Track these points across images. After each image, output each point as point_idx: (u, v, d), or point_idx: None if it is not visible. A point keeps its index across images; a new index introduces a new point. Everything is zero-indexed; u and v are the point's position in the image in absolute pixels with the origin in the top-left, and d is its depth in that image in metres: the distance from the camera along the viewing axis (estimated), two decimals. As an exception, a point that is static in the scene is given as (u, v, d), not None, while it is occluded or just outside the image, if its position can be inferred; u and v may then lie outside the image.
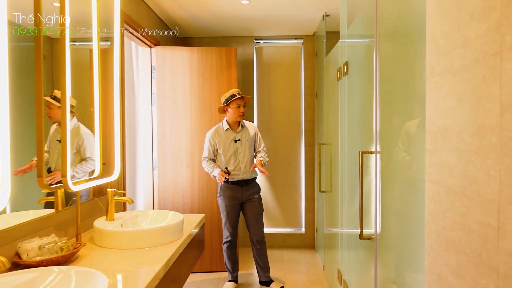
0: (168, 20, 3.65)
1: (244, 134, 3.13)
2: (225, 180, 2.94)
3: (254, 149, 3.21)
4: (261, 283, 3.22)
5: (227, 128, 3.09)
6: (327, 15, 3.48)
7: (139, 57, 3.44)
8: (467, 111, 0.83)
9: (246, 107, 3.15)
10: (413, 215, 1.32)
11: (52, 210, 1.73)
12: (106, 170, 2.08)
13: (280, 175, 4.35)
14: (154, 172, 3.47)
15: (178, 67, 3.45)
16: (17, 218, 1.50)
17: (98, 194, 2.17)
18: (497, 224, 0.71)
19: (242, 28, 3.98)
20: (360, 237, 1.87)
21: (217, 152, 3.12)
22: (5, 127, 1.26)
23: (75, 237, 1.77)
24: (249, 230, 3.16)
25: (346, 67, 2.45)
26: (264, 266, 3.19)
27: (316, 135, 4.16)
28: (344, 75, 2.51)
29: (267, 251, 3.24)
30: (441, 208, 0.94)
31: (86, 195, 2.05)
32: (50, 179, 1.68)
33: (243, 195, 3.10)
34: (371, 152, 1.86)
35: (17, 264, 1.42)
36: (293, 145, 4.37)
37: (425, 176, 1.05)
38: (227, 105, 3.05)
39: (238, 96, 3.02)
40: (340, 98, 2.64)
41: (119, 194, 2.14)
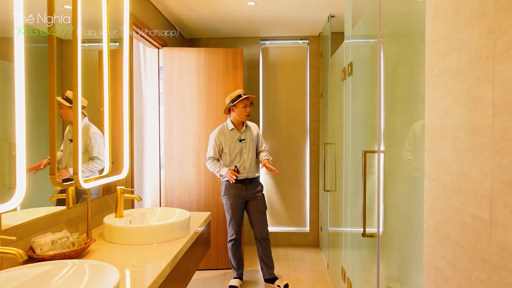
0: (176, 22, 3.70)
1: (248, 134, 3.18)
2: (235, 178, 3.00)
3: (257, 148, 3.27)
4: (266, 280, 3.27)
5: (232, 128, 3.14)
6: (332, 16, 3.51)
7: (146, 58, 3.50)
8: (463, 111, 0.87)
9: (251, 106, 3.21)
10: (415, 213, 1.35)
11: (63, 207, 1.79)
12: (114, 168, 2.13)
13: (285, 174, 4.39)
14: (161, 170, 3.53)
15: (185, 68, 3.51)
16: (29, 215, 1.56)
17: (106, 192, 2.22)
18: (489, 218, 0.75)
19: (248, 29, 4.03)
20: (363, 235, 1.91)
21: (222, 151, 3.17)
22: (22, 129, 1.32)
23: (85, 233, 1.82)
24: (254, 228, 3.21)
25: (351, 68, 2.49)
26: (268, 263, 3.23)
27: (321, 135, 4.20)
28: (348, 75, 2.54)
29: (271, 249, 3.29)
30: (439, 204, 0.98)
31: (95, 193, 2.11)
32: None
33: (248, 194, 3.15)
34: (374, 152, 1.89)
35: (31, 258, 1.48)
36: (298, 144, 4.41)
37: (424, 174, 1.09)
38: (234, 105, 3.10)
39: (244, 96, 3.07)
40: (345, 98, 2.67)
41: (127, 192, 2.20)
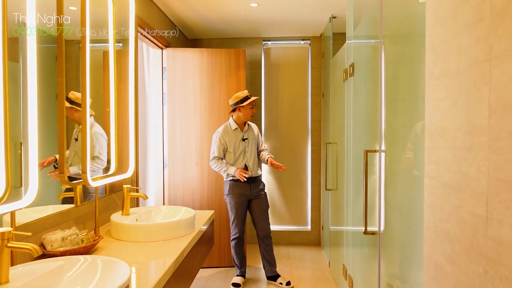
0: (179, 23, 3.74)
1: (250, 133, 3.24)
2: (246, 177, 3.06)
3: (257, 148, 3.32)
4: (268, 277, 3.31)
5: (236, 128, 3.19)
6: (334, 17, 3.54)
7: (150, 58, 3.54)
8: (461, 113, 0.91)
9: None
10: (416, 212, 1.39)
11: (70, 205, 1.83)
12: (119, 167, 2.17)
13: (287, 174, 4.43)
14: (164, 170, 3.58)
15: (189, 68, 3.55)
16: (37, 212, 1.59)
17: (111, 191, 2.26)
18: (486, 214, 0.79)
19: (250, 30, 4.07)
20: (365, 232, 1.95)
21: (226, 151, 3.22)
22: (34, 128, 1.36)
23: (93, 230, 1.87)
24: (256, 226, 3.25)
25: (352, 69, 2.52)
26: (271, 261, 3.27)
27: (322, 135, 4.23)
28: (350, 76, 2.58)
29: (273, 247, 3.33)
30: (438, 202, 1.02)
31: (100, 192, 2.14)
32: (54, 175, 1.71)
33: (252, 192, 3.19)
34: (376, 151, 1.93)
35: (43, 254, 1.52)
36: (300, 144, 4.45)
37: (424, 173, 1.13)
38: (242, 106, 3.15)
39: (253, 98, 3.14)
40: (346, 99, 2.71)
41: (133, 190, 2.24)
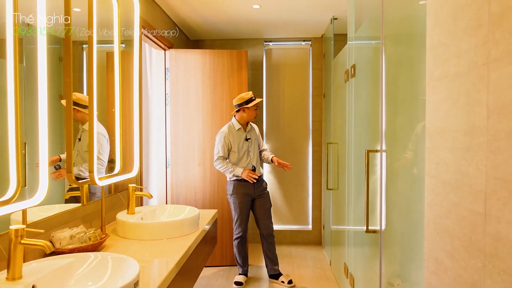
0: (181, 24, 3.78)
1: (252, 134, 3.29)
2: (255, 178, 3.13)
3: (258, 148, 3.36)
4: (270, 276, 3.34)
5: (239, 128, 3.23)
6: (335, 19, 3.58)
7: (152, 59, 3.57)
8: (461, 114, 0.94)
9: None
10: (416, 210, 1.42)
11: (77, 204, 1.87)
12: (124, 167, 2.20)
13: (288, 174, 4.46)
14: (167, 169, 3.61)
15: (191, 69, 3.59)
16: (44, 211, 1.63)
17: (115, 190, 2.30)
18: (484, 211, 0.83)
19: (252, 31, 4.10)
20: (367, 231, 1.99)
21: (230, 150, 3.25)
22: (44, 128, 1.39)
23: (99, 228, 1.90)
24: (260, 225, 3.29)
25: (354, 70, 2.55)
26: (273, 259, 3.31)
27: (323, 135, 4.27)
28: (351, 77, 2.61)
29: (275, 245, 3.37)
30: (438, 199, 1.06)
31: (104, 191, 2.18)
32: (54, 176, 1.74)
33: (255, 191, 3.23)
34: (377, 151, 1.96)
35: (52, 251, 1.55)
36: (301, 144, 4.48)
37: (425, 171, 1.16)
38: (247, 107, 3.18)
39: (258, 100, 3.20)
40: (348, 99, 2.74)
41: (138, 190, 2.27)
